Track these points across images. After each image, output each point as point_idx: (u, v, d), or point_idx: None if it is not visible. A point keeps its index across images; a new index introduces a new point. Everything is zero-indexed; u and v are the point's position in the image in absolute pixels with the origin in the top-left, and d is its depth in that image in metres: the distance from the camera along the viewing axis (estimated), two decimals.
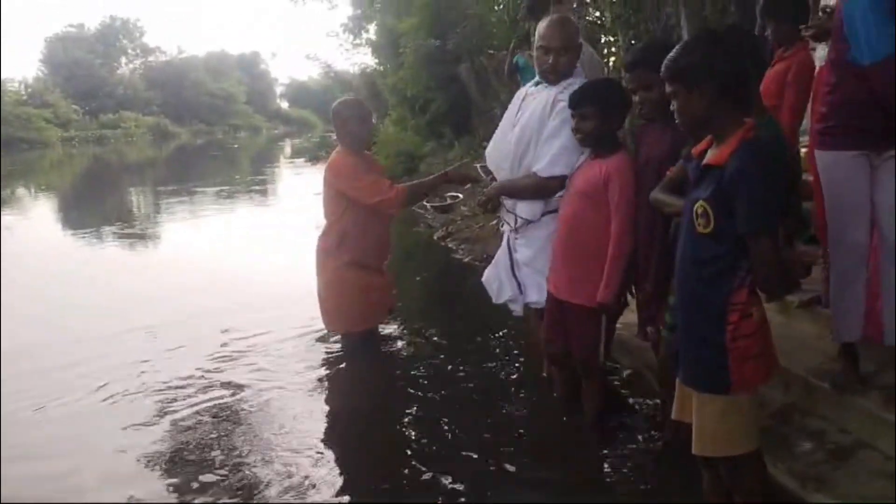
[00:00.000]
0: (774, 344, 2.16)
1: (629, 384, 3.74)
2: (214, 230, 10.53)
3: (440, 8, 14.18)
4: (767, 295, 2.06)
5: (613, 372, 3.79)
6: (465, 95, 13.93)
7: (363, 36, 24.65)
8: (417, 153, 14.92)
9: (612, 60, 10.09)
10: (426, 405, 3.72)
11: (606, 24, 9.46)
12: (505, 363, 4.20)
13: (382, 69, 19.91)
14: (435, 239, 8.37)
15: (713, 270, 2.01)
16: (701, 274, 2.04)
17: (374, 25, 21.82)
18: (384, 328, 4.74)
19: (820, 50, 3.41)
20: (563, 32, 3.13)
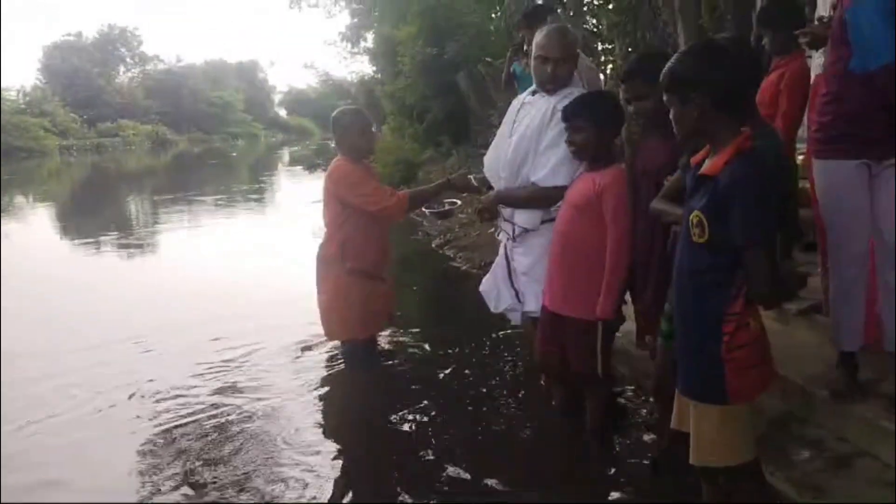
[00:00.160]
0: (772, 353, 2.16)
1: (628, 393, 3.74)
2: (212, 239, 10.50)
3: (437, 17, 14.23)
4: (763, 306, 2.06)
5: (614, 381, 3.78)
6: (462, 103, 13.96)
7: (361, 45, 24.83)
8: (415, 161, 14.95)
9: (608, 68, 10.14)
10: (425, 414, 3.70)
11: (603, 32, 9.50)
12: (503, 372, 4.19)
13: (380, 77, 19.99)
14: (433, 247, 8.36)
15: (709, 280, 2.01)
16: (697, 284, 2.04)
17: (371, 34, 21.94)
18: (382, 336, 4.73)
19: (816, 58, 3.42)
20: (561, 42, 3.14)
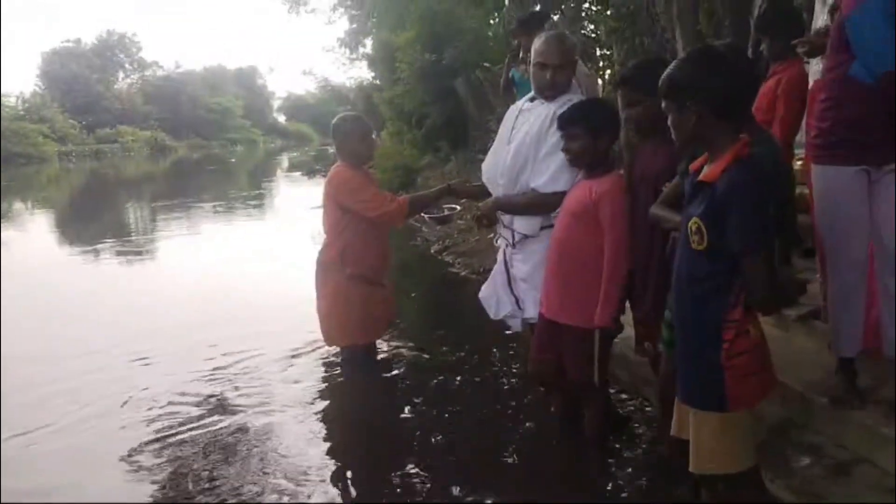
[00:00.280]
0: (771, 359, 2.15)
1: (627, 400, 3.73)
2: (211, 246, 10.48)
3: (436, 22, 14.25)
4: (762, 312, 2.06)
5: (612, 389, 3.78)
6: (461, 109, 13.96)
7: (360, 51, 24.89)
8: (414, 166, 14.97)
9: (607, 74, 10.17)
10: (424, 420, 3.70)
11: (602, 38, 9.52)
12: (502, 378, 4.19)
13: (379, 83, 20.03)
14: (432, 252, 8.37)
15: (708, 287, 2.00)
16: (696, 291, 2.04)
17: (370, 40, 21.99)
18: (381, 342, 4.72)
19: (814, 64, 3.43)
20: (560, 48, 3.13)
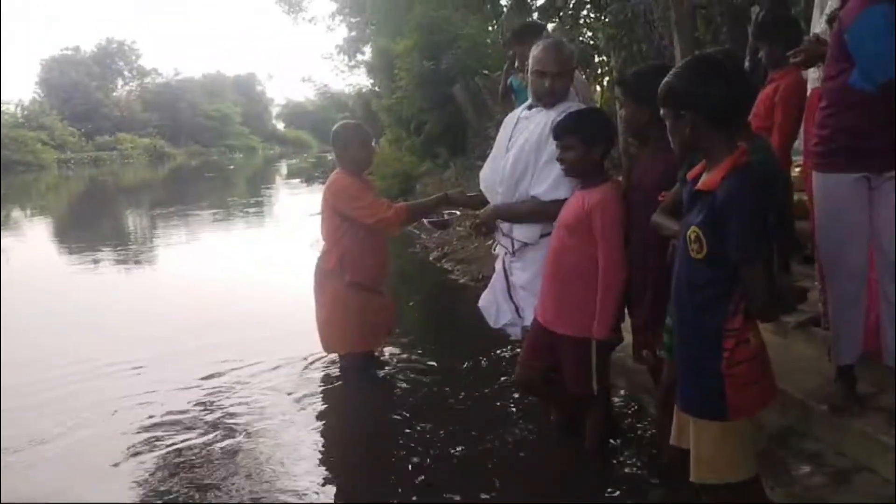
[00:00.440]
0: (772, 367, 2.15)
1: (626, 408, 3.72)
2: (209, 254, 10.47)
3: (433, 30, 14.28)
4: (762, 320, 2.05)
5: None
6: (459, 116, 13.98)
7: (358, 58, 24.96)
8: (413, 173, 14.97)
9: (605, 81, 10.18)
10: (423, 429, 3.68)
11: (600, 44, 9.53)
12: (501, 386, 4.17)
13: (378, 90, 20.07)
14: (430, 260, 8.36)
15: (708, 296, 2.00)
16: (696, 299, 2.03)
17: (369, 47, 22.04)
18: (381, 349, 4.70)
19: (812, 72, 3.43)
20: (558, 56, 3.15)
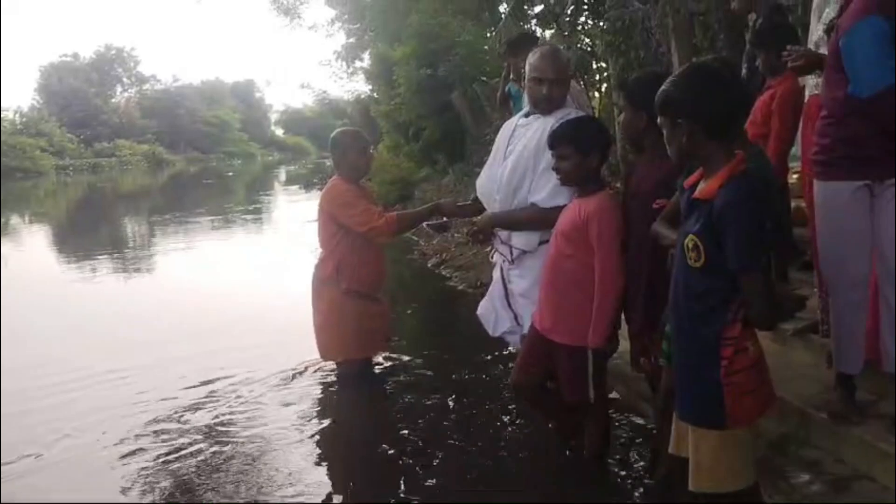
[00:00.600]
0: (770, 374, 2.14)
1: (624, 416, 3.71)
2: (207, 261, 10.46)
3: (430, 38, 14.32)
4: (760, 328, 2.04)
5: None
6: (458, 122, 14.01)
7: (357, 64, 25.02)
8: (411, 180, 14.98)
9: (603, 88, 10.21)
10: (421, 436, 3.67)
11: (597, 51, 9.56)
12: (500, 393, 4.16)
13: (376, 96, 20.10)
14: (429, 266, 8.36)
15: (706, 304, 1.99)
16: (694, 308, 2.02)
17: (367, 53, 22.10)
18: (378, 357, 4.69)
19: (811, 78, 3.43)
20: (556, 63, 3.15)
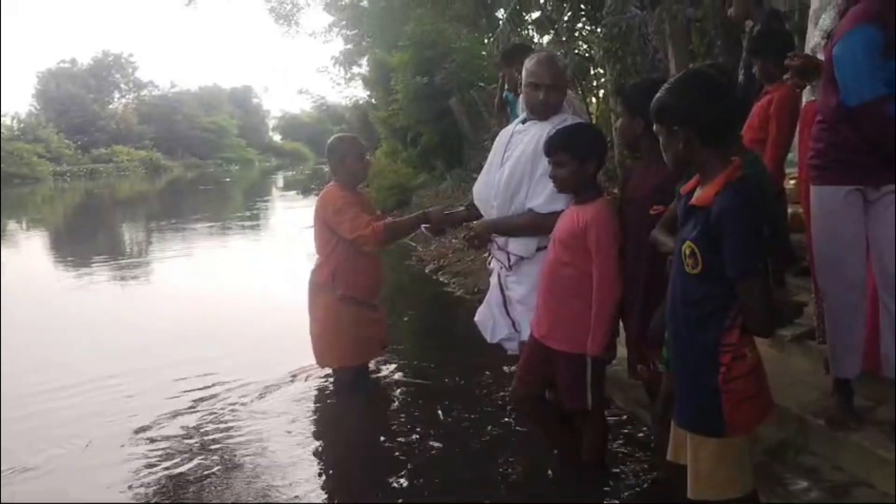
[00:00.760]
0: (767, 381, 2.14)
1: (622, 422, 3.70)
2: (204, 267, 10.43)
3: (426, 45, 14.36)
4: (758, 335, 2.04)
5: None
6: (455, 128, 14.04)
7: (354, 70, 25.08)
8: (409, 185, 14.99)
9: (600, 93, 10.24)
10: (418, 443, 3.67)
11: (595, 57, 9.58)
12: (497, 400, 4.15)
13: (374, 102, 20.15)
14: (426, 272, 8.35)
15: (704, 311, 1.99)
16: (692, 315, 2.02)
17: (365, 59, 22.15)
18: (374, 363, 4.68)
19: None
20: (552, 69, 3.16)
